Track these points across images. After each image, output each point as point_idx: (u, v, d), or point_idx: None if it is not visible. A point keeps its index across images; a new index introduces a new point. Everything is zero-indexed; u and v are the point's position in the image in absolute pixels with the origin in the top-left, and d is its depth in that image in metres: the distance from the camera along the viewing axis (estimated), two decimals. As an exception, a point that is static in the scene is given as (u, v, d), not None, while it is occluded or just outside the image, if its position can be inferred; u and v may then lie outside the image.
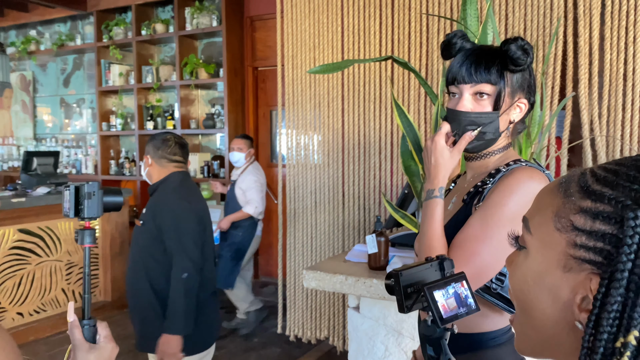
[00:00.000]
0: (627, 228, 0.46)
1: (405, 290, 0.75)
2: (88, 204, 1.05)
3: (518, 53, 1.05)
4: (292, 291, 3.50)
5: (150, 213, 2.11)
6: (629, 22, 2.43)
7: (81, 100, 5.79)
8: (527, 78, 1.11)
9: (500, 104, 1.08)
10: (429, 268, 0.79)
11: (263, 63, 4.75)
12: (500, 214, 1.03)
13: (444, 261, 0.80)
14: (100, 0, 5.15)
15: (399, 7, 3.02)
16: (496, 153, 1.15)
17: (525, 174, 1.06)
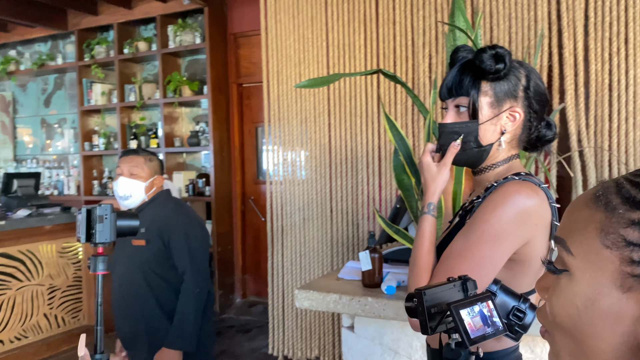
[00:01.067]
0: None
1: (429, 310, 0.71)
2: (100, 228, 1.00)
3: (487, 61, 1.04)
4: (281, 310, 3.43)
5: (155, 230, 2.05)
6: (612, 33, 2.45)
7: (63, 120, 5.70)
8: (517, 86, 1.07)
9: (477, 114, 1.06)
10: (452, 288, 0.76)
11: (247, 79, 4.72)
12: (482, 230, 1.00)
13: (467, 281, 0.77)
14: (81, 20, 5.10)
15: (383, 21, 3.02)
16: (497, 166, 1.11)
17: (512, 189, 1.01)
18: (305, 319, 3.35)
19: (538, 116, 1.10)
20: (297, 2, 3.24)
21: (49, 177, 5.68)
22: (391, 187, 3.05)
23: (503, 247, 0.99)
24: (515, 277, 1.05)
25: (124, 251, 2.10)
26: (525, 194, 1.01)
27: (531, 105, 1.09)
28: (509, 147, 1.11)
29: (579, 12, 2.49)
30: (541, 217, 1.02)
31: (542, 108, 1.11)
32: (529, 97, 1.08)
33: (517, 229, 0.99)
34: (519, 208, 0.99)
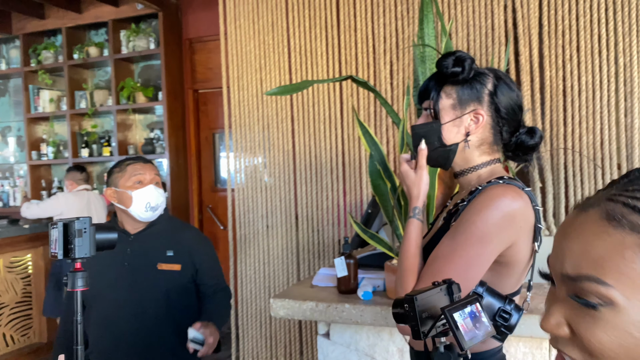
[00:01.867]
0: None
1: (420, 315, 0.71)
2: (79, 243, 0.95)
3: (445, 65, 1.11)
4: (244, 319, 3.38)
5: (186, 254, 1.92)
6: (565, 41, 2.55)
7: (7, 128, 5.43)
8: (481, 90, 1.11)
9: (438, 115, 1.12)
10: (439, 292, 0.76)
11: (204, 85, 4.65)
12: (468, 232, 1.01)
13: (452, 285, 0.78)
14: (26, 23, 4.88)
15: (344, 28, 3.04)
16: (477, 169, 1.13)
17: (497, 192, 1.04)
18: (269, 327, 3.31)
19: (509, 121, 1.13)
20: (258, 7, 3.22)
21: (-8, 187, 5.39)
22: (355, 192, 3.06)
23: (489, 249, 1.01)
24: (500, 279, 1.07)
25: (139, 276, 1.87)
26: (510, 197, 1.03)
27: (498, 110, 1.12)
28: (485, 151, 1.14)
29: (534, 20, 2.59)
30: (525, 220, 1.04)
31: (513, 114, 1.13)
32: (494, 102, 1.11)
33: (502, 232, 1.01)
34: (504, 211, 1.01)
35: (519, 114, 1.14)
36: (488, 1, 2.69)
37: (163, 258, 1.90)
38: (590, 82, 2.53)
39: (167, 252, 1.91)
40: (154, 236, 1.93)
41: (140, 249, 1.90)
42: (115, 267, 1.87)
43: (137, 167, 1.92)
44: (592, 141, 2.53)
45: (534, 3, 2.59)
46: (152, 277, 1.87)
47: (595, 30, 2.51)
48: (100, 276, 1.83)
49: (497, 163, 1.15)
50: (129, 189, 1.88)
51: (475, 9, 2.72)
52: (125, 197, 1.88)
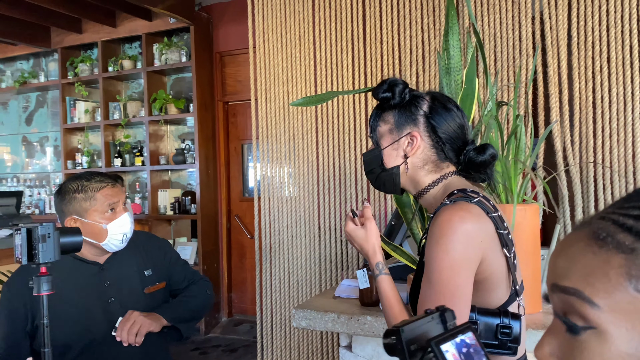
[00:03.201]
0: None
1: (408, 348, 0.66)
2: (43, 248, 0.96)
3: (376, 92, 1.15)
4: (269, 329, 3.40)
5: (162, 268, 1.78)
6: (595, 53, 2.51)
7: (45, 138, 5.62)
8: (416, 113, 1.14)
9: (378, 141, 1.17)
10: (430, 321, 0.71)
11: (233, 97, 4.73)
12: (439, 269, 1.00)
13: (445, 312, 0.73)
14: (64, 37, 5.06)
15: (370, 40, 3.06)
16: (429, 189, 1.15)
17: (444, 218, 1.02)
18: (293, 337, 3.32)
19: (450, 140, 1.14)
20: (286, 21, 3.27)
21: (29, 195, 5.58)
22: (379, 204, 3.06)
23: (464, 275, 1.00)
24: (485, 295, 1.06)
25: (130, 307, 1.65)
26: (459, 218, 1.01)
27: (435, 130, 1.13)
28: (431, 170, 1.15)
29: (563, 31, 2.56)
30: (483, 233, 1.03)
31: (452, 132, 1.14)
32: (430, 123, 1.13)
33: (467, 253, 1.00)
34: (458, 233, 1.00)
35: (459, 132, 1.14)
36: (515, 13, 2.68)
37: (145, 280, 1.73)
38: (621, 93, 2.48)
39: (146, 271, 1.74)
40: (125, 258, 1.72)
41: (118, 278, 1.69)
42: (101, 307, 1.64)
43: (108, 192, 1.64)
44: (623, 154, 2.47)
45: (563, 14, 2.56)
46: (143, 304, 1.68)
47: (626, 41, 2.46)
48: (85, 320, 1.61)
49: (449, 177, 1.15)
50: (101, 221, 1.61)
51: (503, 21, 2.70)
52: (96, 229, 1.61)
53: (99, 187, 1.62)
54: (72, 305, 1.61)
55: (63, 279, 1.57)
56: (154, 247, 1.82)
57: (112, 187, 1.66)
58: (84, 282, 1.65)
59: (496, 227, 1.04)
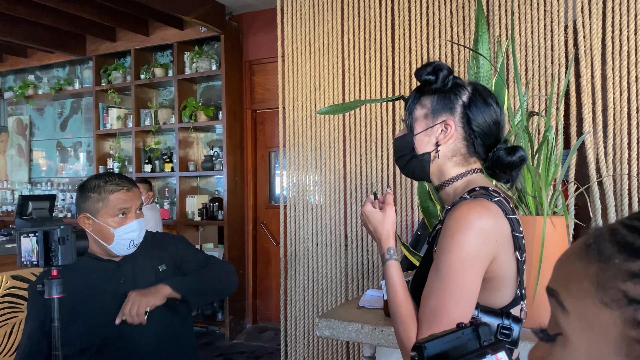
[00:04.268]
0: None
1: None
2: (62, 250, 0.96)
3: (420, 73, 1.12)
4: (293, 337, 3.40)
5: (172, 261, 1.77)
6: (631, 62, 2.45)
7: (78, 143, 5.76)
8: (455, 101, 1.11)
9: (412, 126, 1.14)
10: (460, 337, 0.67)
11: (262, 105, 4.77)
12: (449, 262, 0.99)
13: (479, 327, 0.68)
14: (99, 46, 5.20)
15: (399, 49, 3.05)
16: (452, 181, 1.12)
17: (463, 212, 1.01)
18: (317, 346, 3.31)
19: (482, 135, 1.11)
20: (314, 30, 3.29)
21: (62, 199, 5.72)
22: (407, 213, 3.03)
23: (474, 272, 0.99)
24: (490, 295, 1.05)
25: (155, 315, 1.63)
26: (477, 214, 1.00)
27: (470, 122, 1.10)
28: (458, 162, 1.12)
29: (596, 41, 2.50)
30: (499, 233, 1.01)
31: (487, 128, 1.11)
32: (467, 114, 1.11)
33: (480, 250, 0.99)
34: (474, 229, 0.99)
35: (494, 129, 1.12)
36: (547, 22, 2.63)
37: (160, 275, 1.73)
38: None
39: (160, 267, 1.74)
40: (139, 255, 1.73)
41: (133, 274, 1.69)
42: (117, 303, 1.61)
43: (121, 197, 1.63)
44: (658, 166, 2.40)
45: (597, 24, 2.51)
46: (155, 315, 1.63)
47: (663, 50, 2.40)
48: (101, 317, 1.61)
49: (474, 174, 1.12)
50: (110, 224, 1.62)
51: (534, 30, 2.66)
52: (105, 232, 1.62)
53: (113, 190, 1.62)
54: (89, 303, 1.62)
55: (80, 278, 1.60)
56: (167, 243, 1.82)
57: (126, 192, 1.65)
58: (100, 279, 1.66)
59: (512, 229, 1.03)
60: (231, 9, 4.59)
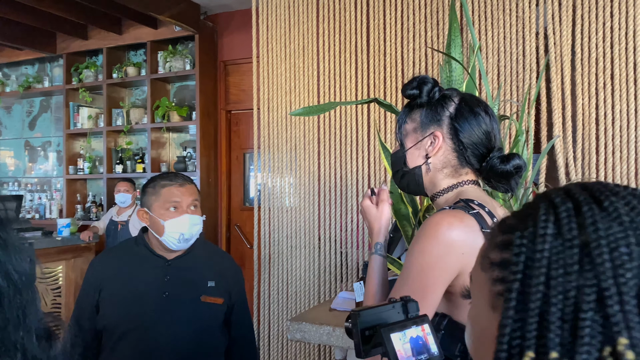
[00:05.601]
0: (514, 247, 0.48)
1: (363, 333, 0.69)
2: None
3: (404, 88, 1.13)
4: (266, 340, 3.37)
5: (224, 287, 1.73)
6: (599, 69, 2.51)
7: (47, 143, 5.63)
8: (442, 113, 1.10)
9: (403, 140, 1.15)
10: (391, 310, 0.73)
11: (236, 106, 4.73)
12: (411, 265, 1.01)
13: (408, 303, 0.74)
14: (70, 43, 5.08)
15: (374, 52, 3.06)
16: (443, 193, 1.12)
17: (434, 220, 1.01)
18: (291, 349, 3.29)
19: (472, 146, 1.10)
20: (289, 32, 3.28)
21: (30, 200, 5.57)
22: (380, 216, 3.04)
23: (431, 281, 0.99)
24: (459, 309, 1.04)
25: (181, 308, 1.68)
26: (447, 224, 0.99)
27: (457, 133, 1.09)
28: (449, 174, 1.11)
29: (566, 47, 2.55)
30: (468, 246, 0.98)
31: (476, 138, 1.09)
32: (454, 125, 1.10)
33: (442, 261, 0.98)
34: (440, 239, 0.99)
35: (483, 138, 1.10)
36: (519, 28, 2.67)
37: (205, 289, 1.72)
38: (624, 110, 2.47)
39: (209, 282, 1.73)
40: (193, 263, 1.75)
41: (180, 278, 1.71)
42: (154, 297, 1.67)
43: (174, 191, 1.69)
44: (625, 171, 2.46)
45: (567, 30, 2.56)
46: (195, 310, 1.68)
47: (630, 58, 2.46)
48: (136, 306, 1.67)
49: (465, 186, 1.11)
50: (162, 216, 1.67)
51: (507, 35, 2.70)
52: (157, 224, 1.68)
53: (165, 185, 1.69)
54: (129, 290, 1.68)
55: (130, 265, 1.72)
56: (227, 267, 1.82)
57: (178, 187, 1.69)
58: (147, 272, 1.71)
59: None
60: (206, 9, 4.54)
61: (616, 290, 0.43)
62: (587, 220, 0.46)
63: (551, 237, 0.47)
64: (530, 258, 0.47)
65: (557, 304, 0.44)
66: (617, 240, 0.45)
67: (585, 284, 0.44)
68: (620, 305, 0.42)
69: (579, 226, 0.46)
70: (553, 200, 0.49)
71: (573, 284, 0.44)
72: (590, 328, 0.42)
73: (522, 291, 0.46)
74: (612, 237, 0.45)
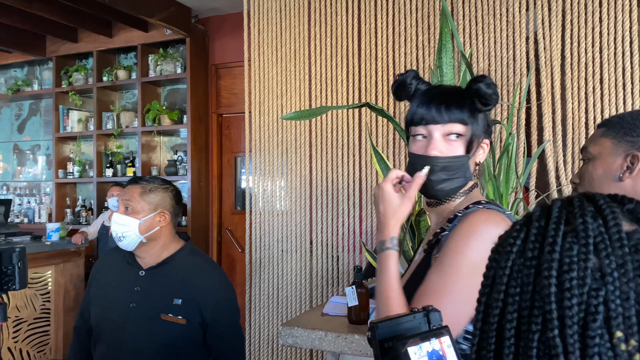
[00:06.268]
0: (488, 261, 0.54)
1: (382, 345, 0.66)
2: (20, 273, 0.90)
3: (488, 91, 1.02)
4: (257, 345, 3.35)
5: (193, 306, 1.67)
6: (588, 74, 2.53)
7: (36, 146, 5.58)
8: (488, 118, 1.10)
9: (472, 145, 1.04)
10: (412, 320, 0.70)
11: (228, 110, 4.72)
12: (458, 263, 0.95)
13: (430, 313, 0.71)
14: (60, 46, 5.05)
15: (365, 57, 3.07)
16: (460, 196, 1.08)
17: (481, 217, 0.99)
18: (282, 355, 3.28)
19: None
20: (281, 35, 3.28)
21: (19, 204, 5.52)
22: (372, 219, 3.04)
23: (479, 279, 0.98)
24: None
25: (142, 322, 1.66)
26: (494, 222, 0.98)
27: (490, 137, 1.11)
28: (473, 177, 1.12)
29: (556, 52, 2.57)
30: None
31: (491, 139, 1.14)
32: (489, 129, 1.11)
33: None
34: (491, 237, 0.97)
35: None
36: (510, 32, 2.69)
37: (169, 307, 1.68)
38: (613, 114, 2.48)
39: (175, 300, 1.68)
40: (164, 276, 1.71)
41: (148, 290, 1.70)
42: (122, 307, 1.69)
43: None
44: (615, 175, 2.47)
45: (557, 35, 2.58)
46: (153, 327, 1.66)
47: (619, 63, 2.48)
48: (109, 312, 1.71)
49: (475, 188, 1.10)
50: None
51: (497, 40, 2.72)
52: None
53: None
54: (105, 295, 1.75)
55: (112, 270, 1.80)
56: (205, 284, 1.75)
57: (120, 188, 1.89)
58: (122, 279, 1.75)
59: None
60: (197, 12, 4.53)
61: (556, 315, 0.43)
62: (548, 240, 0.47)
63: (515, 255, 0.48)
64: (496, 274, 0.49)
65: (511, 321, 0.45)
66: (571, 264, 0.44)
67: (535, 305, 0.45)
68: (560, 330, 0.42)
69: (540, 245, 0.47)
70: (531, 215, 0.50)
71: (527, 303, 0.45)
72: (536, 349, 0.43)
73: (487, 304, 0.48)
74: (566, 259, 0.45)
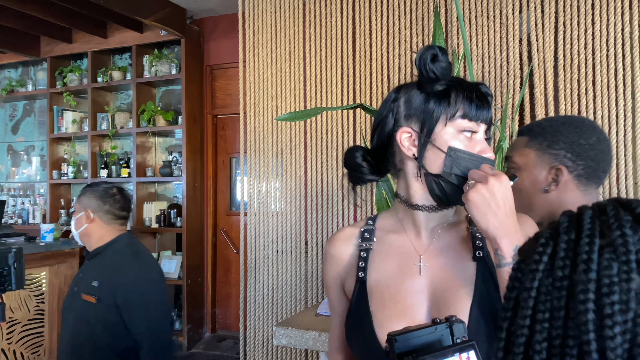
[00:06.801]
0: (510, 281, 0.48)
1: (401, 358, 0.63)
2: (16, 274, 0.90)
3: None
4: (252, 346, 3.35)
5: (107, 288, 1.80)
6: (581, 75, 2.55)
7: (31, 147, 5.56)
8: None
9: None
10: (433, 332, 0.66)
11: (223, 111, 4.72)
12: None
13: (454, 324, 0.67)
14: (54, 47, 5.04)
15: (360, 58, 3.08)
16: None
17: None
18: (276, 354, 3.28)
19: None
20: (276, 36, 3.29)
21: (13, 205, 5.50)
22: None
23: None
24: None
25: (73, 303, 1.88)
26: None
27: None
28: None
29: (549, 53, 2.59)
30: None
31: None
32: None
33: None
34: None
35: None
36: (503, 34, 2.71)
37: (88, 287, 1.86)
38: (606, 116, 2.50)
39: (93, 281, 1.85)
40: (94, 263, 1.91)
41: (84, 275, 1.93)
42: (70, 290, 1.96)
43: None
44: (607, 177, 2.49)
45: (550, 37, 2.59)
46: (78, 306, 1.85)
47: (611, 64, 2.50)
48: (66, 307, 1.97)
49: None
50: None
51: (491, 42, 2.73)
52: None
53: None
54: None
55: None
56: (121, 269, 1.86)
57: None
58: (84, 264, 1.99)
59: None
60: (192, 13, 4.53)
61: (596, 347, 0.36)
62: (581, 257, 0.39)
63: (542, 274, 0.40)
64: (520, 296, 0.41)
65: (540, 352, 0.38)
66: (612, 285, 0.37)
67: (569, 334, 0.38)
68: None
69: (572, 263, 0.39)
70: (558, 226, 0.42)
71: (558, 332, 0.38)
72: None
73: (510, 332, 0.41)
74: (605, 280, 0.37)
